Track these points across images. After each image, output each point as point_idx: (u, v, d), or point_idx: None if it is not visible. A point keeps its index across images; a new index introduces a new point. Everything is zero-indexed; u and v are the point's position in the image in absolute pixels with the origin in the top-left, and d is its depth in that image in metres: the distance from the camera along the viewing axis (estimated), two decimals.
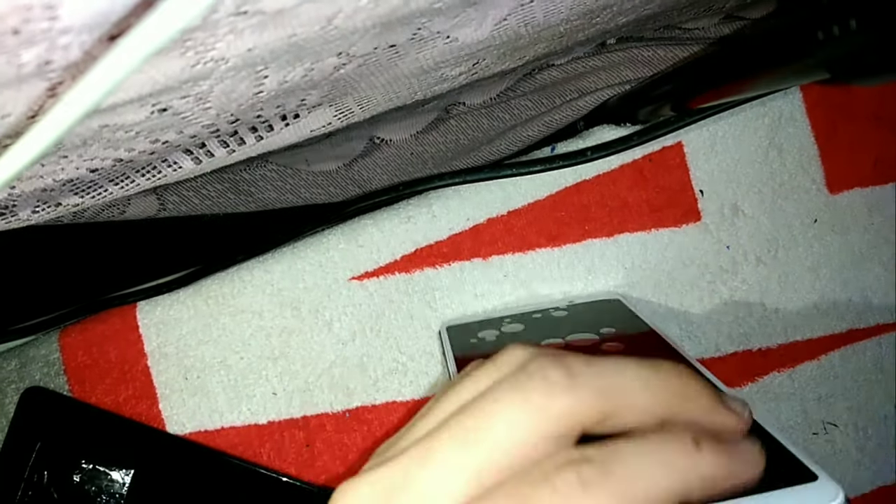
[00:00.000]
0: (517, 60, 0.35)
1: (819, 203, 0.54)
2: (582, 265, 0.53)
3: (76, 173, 0.29)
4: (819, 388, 0.54)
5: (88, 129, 0.25)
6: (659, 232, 0.53)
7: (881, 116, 0.54)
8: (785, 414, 0.54)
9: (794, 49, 0.32)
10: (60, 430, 0.50)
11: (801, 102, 0.54)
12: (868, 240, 0.54)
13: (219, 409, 0.51)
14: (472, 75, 0.34)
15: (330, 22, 0.23)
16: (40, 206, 0.32)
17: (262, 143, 0.32)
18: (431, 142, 0.52)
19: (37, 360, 0.52)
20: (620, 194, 0.53)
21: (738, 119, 0.53)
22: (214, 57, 0.22)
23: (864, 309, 0.55)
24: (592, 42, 0.40)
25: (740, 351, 0.54)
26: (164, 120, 0.26)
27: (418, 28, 0.27)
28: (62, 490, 0.49)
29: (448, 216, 0.52)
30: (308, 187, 0.52)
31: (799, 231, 0.54)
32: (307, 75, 0.26)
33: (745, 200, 0.54)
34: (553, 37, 0.33)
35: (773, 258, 0.54)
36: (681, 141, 0.53)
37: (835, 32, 0.28)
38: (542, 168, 0.51)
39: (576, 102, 0.53)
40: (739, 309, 0.53)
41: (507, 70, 0.37)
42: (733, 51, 0.41)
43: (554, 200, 0.53)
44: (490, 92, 0.46)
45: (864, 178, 0.55)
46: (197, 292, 0.51)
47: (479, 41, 0.30)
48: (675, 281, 0.53)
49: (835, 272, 0.54)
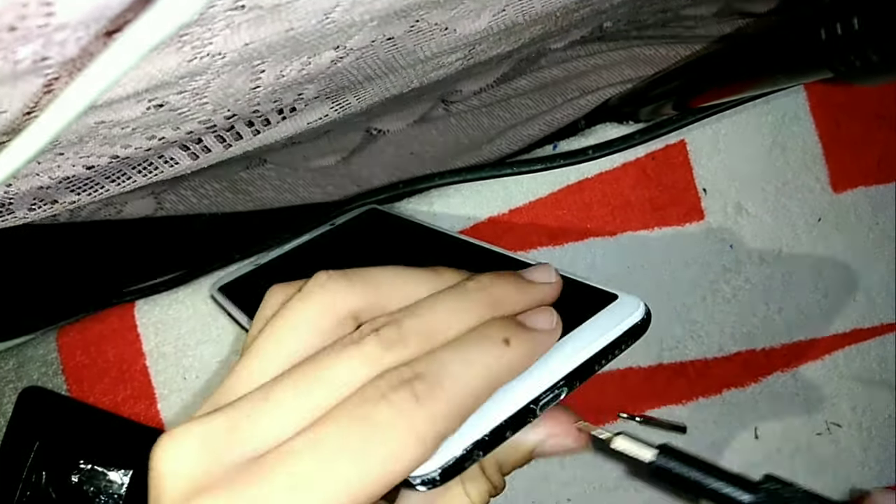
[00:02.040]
0: (513, 44, 0.35)
1: (823, 202, 0.54)
2: (584, 264, 0.52)
3: (73, 171, 0.29)
4: (823, 388, 0.54)
5: (84, 126, 0.25)
6: (661, 231, 0.53)
7: (885, 115, 0.54)
8: (788, 414, 0.54)
9: (797, 47, 0.32)
10: (58, 430, 0.50)
11: (804, 101, 0.53)
12: (872, 239, 0.54)
13: None
14: (468, 60, 0.34)
15: (327, 16, 0.23)
16: (37, 203, 0.32)
17: (258, 137, 0.32)
18: (431, 141, 0.52)
19: (35, 359, 0.52)
20: (623, 193, 0.52)
21: (742, 117, 0.53)
22: (211, 52, 0.22)
23: (867, 308, 0.54)
24: (589, 24, 0.40)
25: (744, 351, 0.53)
26: (161, 116, 0.26)
27: (416, 20, 0.27)
28: (60, 490, 0.48)
29: (449, 214, 0.52)
30: (306, 186, 0.52)
31: (802, 230, 0.54)
32: (304, 69, 0.26)
33: (749, 199, 0.53)
34: (549, 20, 0.33)
35: (777, 257, 0.53)
36: (684, 139, 0.53)
37: (838, 31, 0.28)
38: (543, 166, 0.51)
39: (577, 101, 0.53)
40: (743, 308, 0.53)
41: (503, 54, 0.36)
42: (736, 49, 0.41)
43: (556, 199, 0.52)
44: (487, 78, 0.46)
45: (868, 177, 0.54)
46: (196, 291, 0.51)
47: (476, 32, 0.30)
48: (678, 280, 0.53)
49: (838, 271, 0.54)
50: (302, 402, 0.22)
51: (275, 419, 0.22)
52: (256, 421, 0.22)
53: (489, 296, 0.26)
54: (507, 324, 0.26)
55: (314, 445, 0.21)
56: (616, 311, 0.29)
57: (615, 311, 0.29)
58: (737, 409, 0.53)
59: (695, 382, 0.53)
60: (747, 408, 0.53)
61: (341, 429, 0.22)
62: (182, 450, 0.22)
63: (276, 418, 0.22)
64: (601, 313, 0.29)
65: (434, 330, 0.24)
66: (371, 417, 0.22)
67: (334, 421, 0.22)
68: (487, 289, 0.26)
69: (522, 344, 0.25)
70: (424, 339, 0.24)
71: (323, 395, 0.23)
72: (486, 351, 0.24)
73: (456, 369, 0.23)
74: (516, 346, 0.25)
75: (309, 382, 0.23)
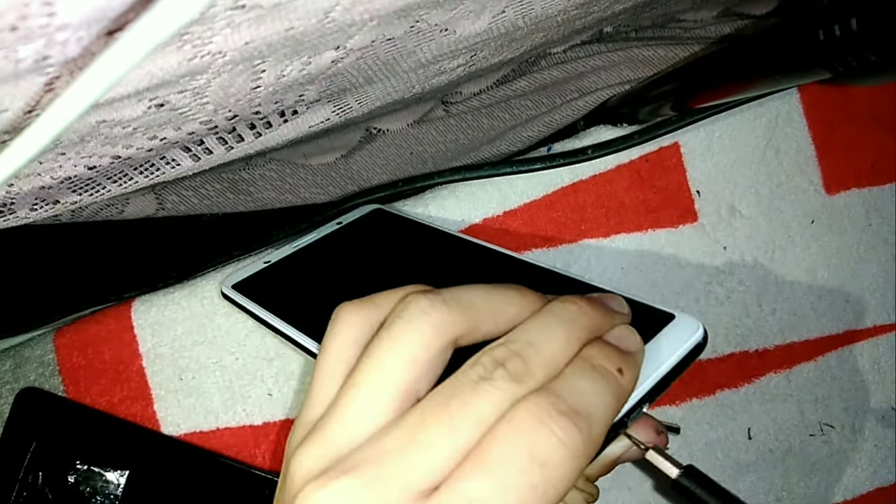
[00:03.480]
0: (514, 51, 0.35)
1: (816, 204, 0.54)
2: (577, 266, 0.53)
3: (74, 171, 0.29)
4: (816, 390, 0.54)
5: (86, 126, 0.25)
6: (655, 232, 0.53)
7: (879, 117, 0.54)
8: (782, 415, 0.54)
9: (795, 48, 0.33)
10: (55, 430, 0.50)
11: (798, 103, 0.54)
12: (866, 241, 0.55)
13: (214, 410, 0.51)
14: (470, 67, 0.34)
15: (327, 15, 0.23)
16: (38, 204, 0.32)
17: (260, 139, 0.32)
18: (431, 141, 0.52)
19: (31, 360, 0.52)
20: (617, 195, 0.53)
21: (736, 119, 0.53)
22: (211, 50, 0.22)
23: (861, 310, 0.55)
24: (589, 30, 0.40)
25: (737, 352, 0.54)
26: (162, 115, 0.26)
27: (416, 21, 0.27)
28: (57, 491, 0.48)
29: (443, 216, 0.52)
30: (307, 187, 0.52)
31: (796, 232, 0.54)
32: (305, 69, 0.26)
33: (742, 201, 0.54)
34: (550, 27, 0.33)
35: (770, 259, 0.54)
36: (677, 141, 0.53)
37: (836, 32, 0.28)
38: (542, 166, 0.51)
39: (576, 102, 0.53)
40: (736, 309, 0.53)
41: (505, 60, 0.37)
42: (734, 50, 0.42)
43: (550, 200, 0.52)
44: (487, 80, 0.46)
45: (861, 179, 0.55)
46: (192, 293, 0.51)
47: (476, 34, 0.30)
48: (672, 282, 0.53)
49: (832, 273, 0.54)
50: (453, 442, 0.23)
51: (429, 460, 0.23)
52: (412, 466, 0.23)
53: (589, 321, 0.28)
54: (613, 352, 0.27)
55: (491, 481, 0.23)
56: (678, 330, 0.31)
57: (677, 330, 0.31)
58: (730, 409, 0.53)
59: (688, 383, 0.53)
60: (740, 409, 0.54)
61: (511, 462, 0.23)
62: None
63: (429, 459, 0.23)
64: (664, 332, 0.31)
65: (553, 360, 0.26)
66: (537, 450, 0.23)
67: (501, 455, 0.23)
68: (585, 315, 0.28)
69: (630, 370, 0.27)
70: (547, 370, 0.25)
71: (471, 433, 0.24)
72: (610, 381, 0.26)
73: (595, 401, 0.25)
74: (626, 372, 0.27)
75: (456, 422, 0.24)
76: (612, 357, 0.27)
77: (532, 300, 0.28)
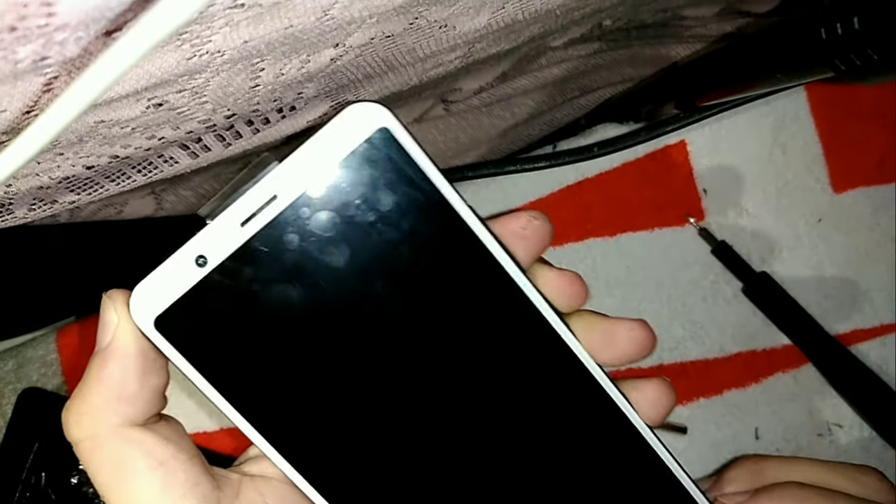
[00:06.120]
0: (512, 42, 0.35)
1: (823, 202, 0.54)
2: (583, 265, 0.52)
3: (72, 171, 0.29)
4: (824, 389, 0.54)
5: (84, 126, 0.25)
6: (662, 231, 0.53)
7: (886, 115, 0.54)
8: (790, 415, 0.53)
9: (798, 47, 0.32)
10: (58, 431, 0.49)
11: (805, 101, 0.53)
12: (873, 239, 0.54)
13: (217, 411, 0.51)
14: (468, 58, 0.34)
15: (326, 12, 0.23)
16: (37, 203, 0.32)
17: (258, 136, 0.32)
18: (431, 140, 0.52)
19: (34, 360, 0.52)
20: (622, 193, 0.52)
21: (742, 118, 0.53)
22: (210, 49, 0.22)
23: (868, 309, 0.54)
24: (588, 21, 0.40)
25: (745, 351, 0.53)
26: (160, 115, 0.26)
27: (415, 17, 0.27)
28: (60, 492, 0.48)
29: None
30: None
31: (803, 230, 0.54)
32: (303, 68, 0.26)
33: (749, 199, 0.53)
34: (549, 19, 0.33)
35: (777, 258, 0.53)
36: (684, 139, 0.52)
37: (838, 30, 0.28)
38: (546, 164, 0.51)
39: (578, 100, 0.53)
40: (743, 309, 0.53)
41: (503, 52, 0.36)
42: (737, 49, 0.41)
43: (555, 199, 0.52)
44: (487, 76, 0.46)
45: (868, 178, 0.54)
46: None
47: (476, 30, 0.30)
48: (678, 280, 0.53)
49: (839, 272, 0.54)
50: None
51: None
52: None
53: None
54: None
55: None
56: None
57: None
58: (737, 409, 0.53)
59: (695, 383, 0.53)
60: (748, 408, 0.53)
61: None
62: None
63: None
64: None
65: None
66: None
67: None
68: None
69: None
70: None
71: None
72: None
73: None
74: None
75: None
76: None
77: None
